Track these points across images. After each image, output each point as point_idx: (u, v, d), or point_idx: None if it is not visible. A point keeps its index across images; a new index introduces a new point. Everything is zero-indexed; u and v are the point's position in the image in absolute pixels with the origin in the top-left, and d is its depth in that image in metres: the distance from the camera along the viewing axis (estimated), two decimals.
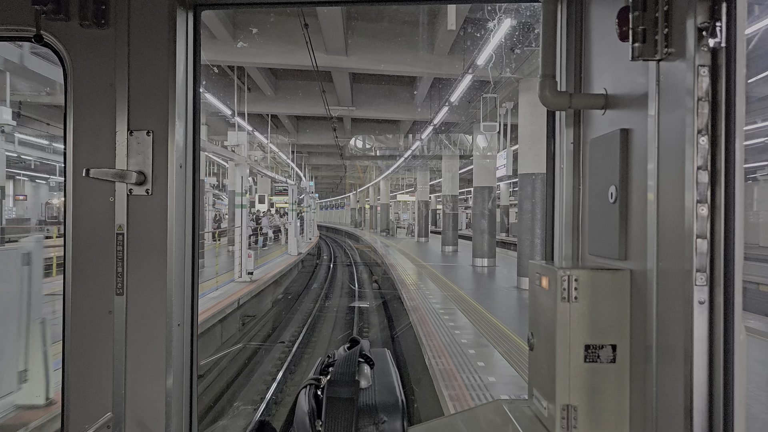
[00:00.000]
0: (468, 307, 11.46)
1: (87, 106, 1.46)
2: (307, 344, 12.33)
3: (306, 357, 11.37)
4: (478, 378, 6.60)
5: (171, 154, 1.45)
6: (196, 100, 1.55)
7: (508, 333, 9.00)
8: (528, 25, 12.12)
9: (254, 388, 9.50)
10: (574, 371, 1.28)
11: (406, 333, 10.96)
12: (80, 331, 1.45)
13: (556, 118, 1.61)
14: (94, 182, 1.44)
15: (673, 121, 1.04)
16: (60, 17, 1.40)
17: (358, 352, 1.16)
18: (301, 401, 1.10)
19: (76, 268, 1.45)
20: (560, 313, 1.28)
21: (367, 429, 1.02)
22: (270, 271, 17.79)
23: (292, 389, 9.21)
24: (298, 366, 10.71)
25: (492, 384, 6.38)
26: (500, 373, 6.85)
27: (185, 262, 1.52)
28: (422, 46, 15.65)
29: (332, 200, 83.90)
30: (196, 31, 1.55)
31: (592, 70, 1.44)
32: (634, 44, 1.06)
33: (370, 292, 19.58)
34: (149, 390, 1.44)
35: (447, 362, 7.28)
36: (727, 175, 0.95)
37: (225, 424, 8.12)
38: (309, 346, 12.25)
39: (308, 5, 1.84)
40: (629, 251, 1.24)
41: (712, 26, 0.94)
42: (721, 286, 0.96)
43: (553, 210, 1.61)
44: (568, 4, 1.52)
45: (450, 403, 5.84)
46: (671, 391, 1.04)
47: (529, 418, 1.45)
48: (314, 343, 12.68)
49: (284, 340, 12.56)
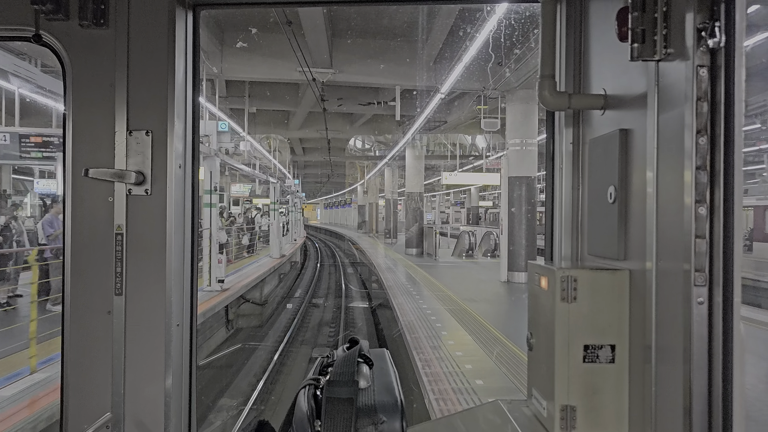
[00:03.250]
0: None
1: (86, 106, 1.46)
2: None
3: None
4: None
5: (170, 154, 1.45)
6: (195, 100, 1.54)
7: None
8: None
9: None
10: (573, 371, 1.28)
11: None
12: (79, 332, 1.45)
13: (556, 118, 1.61)
14: (93, 182, 1.44)
15: (672, 122, 1.04)
16: (59, 17, 1.40)
17: (357, 353, 1.15)
18: (300, 401, 1.10)
19: (74, 268, 1.45)
20: (559, 313, 1.28)
21: (366, 429, 1.02)
22: (246, 277, 15.03)
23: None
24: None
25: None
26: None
27: (184, 262, 1.52)
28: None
29: (333, 197, 72.59)
30: (195, 31, 1.55)
31: (592, 70, 1.44)
32: (634, 44, 1.06)
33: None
34: (148, 390, 1.44)
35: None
36: (726, 176, 0.95)
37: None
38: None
39: (308, 5, 1.84)
40: (628, 251, 1.24)
41: (711, 26, 0.94)
42: (720, 285, 0.96)
43: (553, 210, 1.61)
44: (567, 5, 1.52)
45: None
46: (670, 391, 1.04)
47: (528, 418, 1.45)
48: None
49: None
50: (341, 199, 67.52)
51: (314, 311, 17.12)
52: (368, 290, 19.79)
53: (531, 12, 11.02)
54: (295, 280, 24.25)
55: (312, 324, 15.47)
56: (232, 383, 10.13)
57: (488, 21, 10.42)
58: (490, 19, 10.31)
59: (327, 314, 16.70)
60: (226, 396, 9.48)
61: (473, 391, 6.43)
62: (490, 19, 10.30)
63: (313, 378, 1.14)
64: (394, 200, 34.40)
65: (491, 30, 10.63)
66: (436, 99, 15.61)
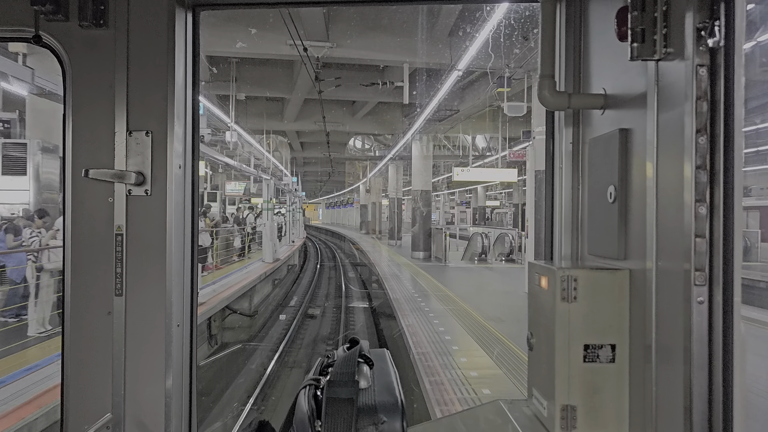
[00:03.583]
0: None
1: (86, 106, 1.46)
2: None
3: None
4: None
5: (170, 154, 1.45)
6: (195, 100, 1.54)
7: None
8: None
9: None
10: (573, 371, 1.28)
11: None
12: (80, 332, 1.45)
13: (556, 118, 1.61)
14: (93, 183, 1.44)
15: (671, 121, 1.04)
16: (59, 17, 1.40)
17: (357, 353, 1.15)
18: (301, 402, 1.10)
19: (75, 269, 1.45)
20: (560, 312, 1.28)
21: (367, 429, 1.02)
22: (230, 286, 13.13)
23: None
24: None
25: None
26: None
27: (184, 263, 1.52)
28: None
29: (334, 197, 69.71)
30: (195, 31, 1.55)
31: (591, 70, 1.44)
32: (633, 44, 1.06)
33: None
34: (149, 391, 1.44)
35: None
36: (726, 175, 0.96)
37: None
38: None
39: (307, 5, 1.84)
40: (628, 251, 1.24)
41: (710, 26, 0.94)
42: (720, 285, 0.96)
43: (553, 210, 1.61)
44: (567, 4, 1.52)
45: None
46: (670, 390, 1.04)
47: (528, 418, 1.45)
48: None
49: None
50: (343, 198, 64.19)
51: (310, 324, 15.05)
52: (372, 307, 16.23)
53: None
54: (291, 287, 22.08)
55: (306, 341, 13.39)
56: (210, 412, 8.71)
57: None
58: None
59: (324, 329, 14.73)
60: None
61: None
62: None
63: (314, 378, 1.14)
64: (398, 199, 32.25)
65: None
66: (453, 77, 12.80)
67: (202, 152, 13.94)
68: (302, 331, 14.27)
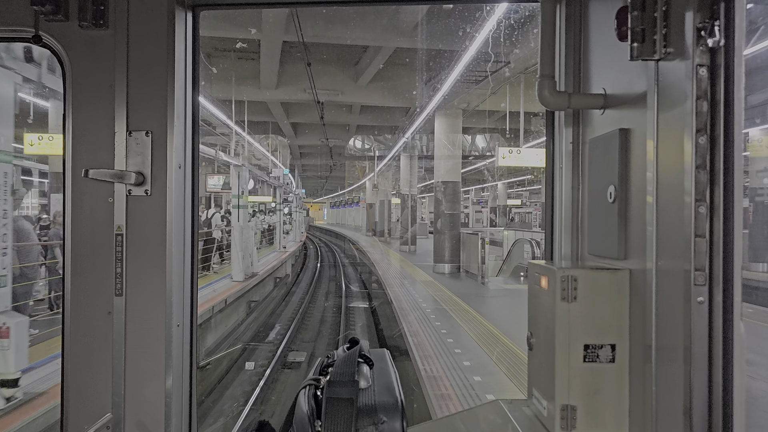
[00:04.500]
0: None
1: (86, 106, 1.46)
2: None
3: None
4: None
5: (170, 154, 1.45)
6: (195, 100, 1.54)
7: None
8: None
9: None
10: (573, 371, 1.28)
11: None
12: (80, 332, 1.45)
13: (555, 118, 1.61)
14: (92, 183, 1.44)
15: (671, 121, 1.04)
16: (59, 18, 1.40)
17: (357, 353, 1.15)
18: (301, 402, 1.10)
19: (75, 269, 1.45)
20: (559, 312, 1.28)
21: (367, 429, 1.02)
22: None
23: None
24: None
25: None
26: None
27: (184, 263, 1.52)
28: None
29: (338, 195, 64.92)
30: (195, 31, 1.55)
31: (591, 69, 1.44)
32: (633, 44, 1.06)
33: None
34: (149, 390, 1.44)
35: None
36: (726, 175, 0.95)
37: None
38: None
39: (307, 5, 1.84)
40: (628, 251, 1.24)
41: (710, 26, 0.94)
42: (720, 285, 0.96)
43: (552, 210, 1.61)
44: (566, 4, 1.52)
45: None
46: (670, 390, 1.04)
47: (528, 418, 1.45)
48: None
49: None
50: (348, 197, 58.17)
51: (289, 379, 9.70)
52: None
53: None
54: (276, 308, 16.12)
55: (280, 409, 8.32)
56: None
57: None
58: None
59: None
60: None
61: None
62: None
63: (314, 378, 1.14)
64: (412, 195, 26.16)
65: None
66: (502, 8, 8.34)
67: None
68: (274, 391, 9.09)
